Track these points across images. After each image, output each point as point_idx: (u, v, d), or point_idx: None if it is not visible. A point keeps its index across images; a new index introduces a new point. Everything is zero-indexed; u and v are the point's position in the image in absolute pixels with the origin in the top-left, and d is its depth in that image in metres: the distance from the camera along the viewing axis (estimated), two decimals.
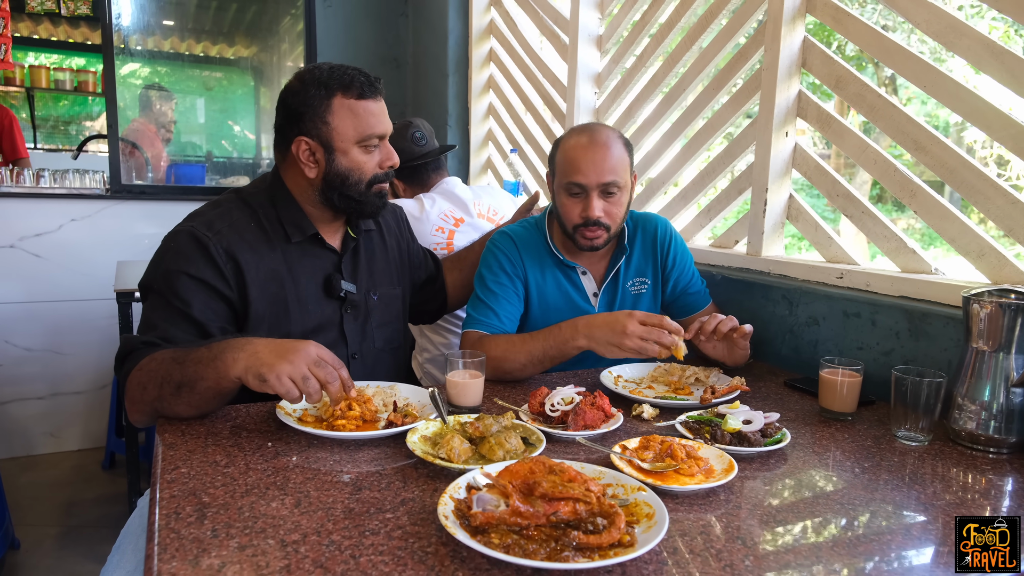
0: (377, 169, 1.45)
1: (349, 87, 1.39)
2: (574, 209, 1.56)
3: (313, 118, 1.39)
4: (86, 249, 3.35)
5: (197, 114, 4.37)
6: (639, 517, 0.87)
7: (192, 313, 1.32)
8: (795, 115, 1.80)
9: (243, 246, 1.38)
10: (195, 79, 4.38)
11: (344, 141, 1.40)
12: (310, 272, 1.47)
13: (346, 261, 1.53)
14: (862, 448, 1.18)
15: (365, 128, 1.40)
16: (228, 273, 1.36)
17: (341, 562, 0.78)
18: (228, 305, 1.37)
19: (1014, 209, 1.35)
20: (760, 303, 1.78)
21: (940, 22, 1.48)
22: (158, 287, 1.34)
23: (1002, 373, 1.16)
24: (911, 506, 0.97)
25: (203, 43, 4.42)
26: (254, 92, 4.60)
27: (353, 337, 1.52)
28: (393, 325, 1.64)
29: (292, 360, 1.10)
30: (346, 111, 1.39)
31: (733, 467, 1.01)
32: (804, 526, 0.91)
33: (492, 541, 0.79)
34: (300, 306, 1.44)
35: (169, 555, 0.79)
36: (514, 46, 3.09)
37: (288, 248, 1.44)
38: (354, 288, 1.52)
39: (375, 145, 1.43)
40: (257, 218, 1.43)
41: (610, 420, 1.22)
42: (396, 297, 1.66)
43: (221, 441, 1.13)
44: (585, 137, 1.56)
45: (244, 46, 4.51)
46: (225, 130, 4.46)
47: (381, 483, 1.00)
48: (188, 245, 1.35)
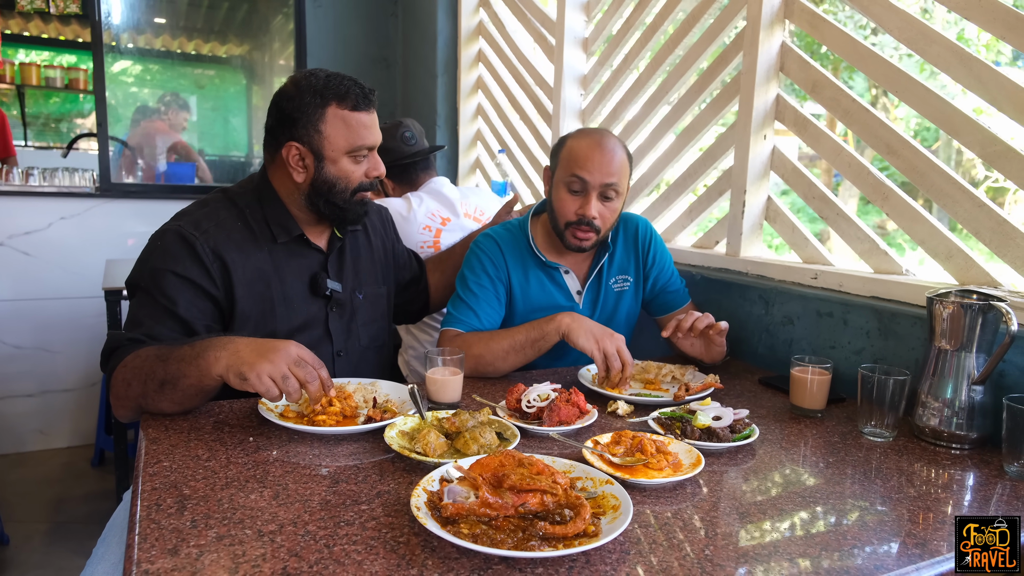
0: (363, 178, 1.47)
1: (344, 98, 1.41)
2: (571, 205, 1.59)
3: (306, 125, 1.40)
4: (75, 247, 3.37)
5: (189, 112, 4.38)
6: (606, 509, 0.90)
7: (178, 311, 1.34)
8: (773, 118, 1.83)
9: (230, 245, 1.40)
10: (186, 77, 4.39)
11: (335, 151, 1.42)
12: (296, 271, 1.49)
13: (332, 260, 1.55)
14: (829, 444, 1.21)
15: (356, 139, 1.42)
16: (215, 272, 1.38)
17: (315, 551, 0.81)
18: (214, 304, 1.39)
19: (980, 212, 1.39)
20: (738, 303, 1.82)
21: (911, 29, 1.52)
22: (145, 285, 1.36)
23: (964, 371, 1.20)
24: (873, 499, 1.01)
25: (195, 41, 4.42)
26: (246, 91, 4.61)
27: (338, 335, 1.55)
28: (379, 323, 1.67)
29: (272, 360, 1.13)
30: (339, 121, 1.41)
31: (700, 461, 1.05)
32: (767, 518, 0.95)
33: (461, 531, 0.82)
34: (286, 305, 1.47)
35: (149, 544, 0.82)
36: (502, 47, 3.12)
37: (274, 248, 1.47)
38: (340, 287, 1.54)
39: (364, 155, 1.46)
40: (244, 218, 1.46)
41: (585, 416, 1.25)
42: (381, 296, 1.68)
43: (203, 436, 1.16)
44: (594, 138, 1.59)
45: (236, 44, 4.51)
46: (217, 128, 4.47)
47: (358, 476, 1.02)
48: (175, 244, 1.37)
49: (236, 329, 1.41)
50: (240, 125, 4.50)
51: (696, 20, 2.09)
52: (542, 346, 1.50)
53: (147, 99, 3.99)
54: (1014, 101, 1.33)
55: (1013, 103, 1.33)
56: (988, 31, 1.38)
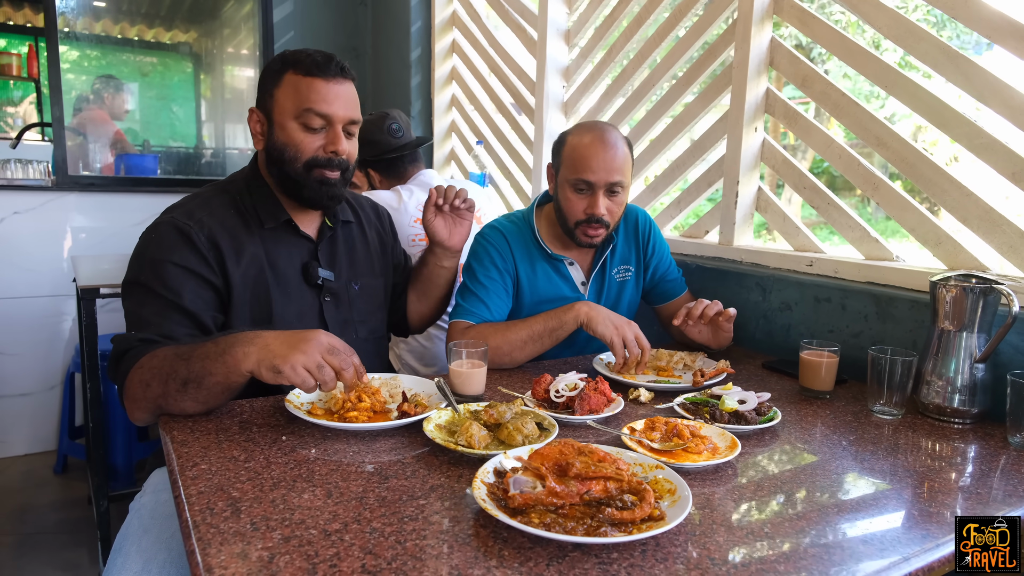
0: (319, 152, 1.40)
1: (299, 63, 1.40)
2: (579, 204, 1.60)
3: (265, 91, 1.42)
4: (30, 244, 3.20)
5: (132, 101, 4.20)
6: (661, 493, 0.93)
7: (183, 303, 1.31)
8: (763, 111, 1.89)
9: (223, 232, 1.38)
10: (129, 64, 4.21)
11: (282, 114, 1.40)
12: (287, 259, 1.47)
13: (323, 249, 1.52)
14: (843, 423, 1.27)
15: (303, 102, 1.38)
16: (212, 259, 1.36)
17: (388, 547, 0.81)
18: (215, 292, 1.37)
19: (968, 201, 1.47)
20: (734, 290, 1.88)
21: (899, 27, 1.59)
22: (144, 279, 1.32)
23: (966, 351, 1.27)
24: (895, 473, 1.07)
25: (138, 26, 4.24)
26: (193, 79, 4.45)
27: (334, 326, 1.53)
28: (377, 316, 1.65)
29: (305, 350, 1.11)
30: (290, 86, 1.39)
31: (736, 444, 1.08)
32: (808, 495, 0.99)
33: (532, 520, 0.83)
34: (280, 291, 1.44)
35: (215, 550, 0.80)
36: (478, 37, 3.10)
37: (264, 234, 1.45)
38: (332, 276, 1.52)
39: (316, 125, 1.39)
40: (236, 204, 1.44)
41: (612, 404, 1.27)
42: (378, 287, 1.66)
43: (233, 436, 1.13)
44: (594, 136, 1.59)
45: (182, 31, 4.35)
46: (163, 118, 4.30)
47: (405, 471, 1.02)
48: (170, 235, 1.35)
49: (234, 316, 1.39)
50: (187, 115, 4.34)
51: (684, 14, 2.13)
52: (560, 335, 1.52)
53: (85, 86, 3.81)
54: (1000, 96, 1.41)
55: (999, 97, 1.41)
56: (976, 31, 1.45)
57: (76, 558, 2.46)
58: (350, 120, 1.43)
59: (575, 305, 1.52)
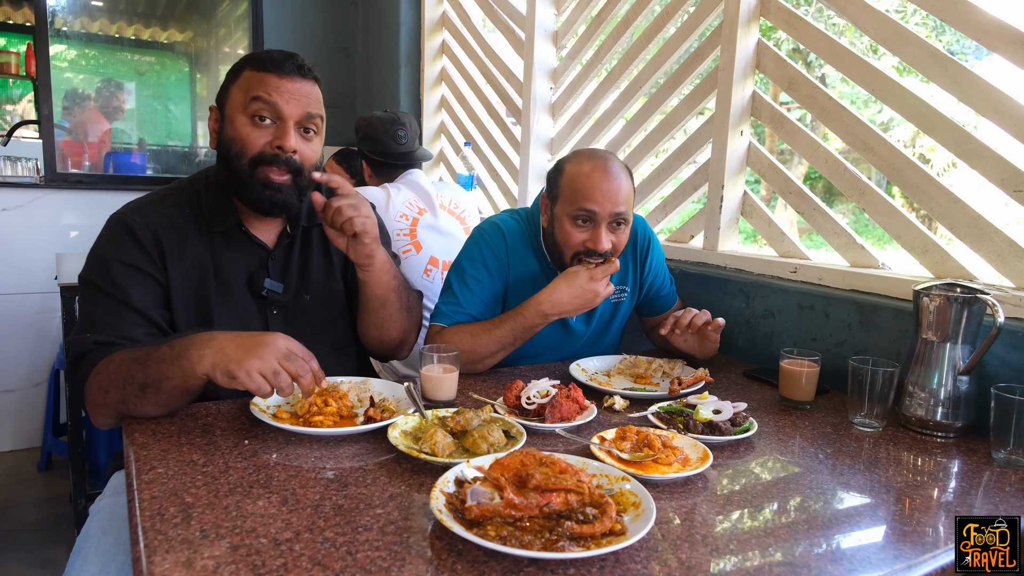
0: (266, 148, 1.32)
1: (256, 60, 1.36)
2: (578, 236, 1.50)
3: (223, 89, 1.38)
4: (18, 241, 3.19)
5: (129, 100, 4.19)
6: (626, 506, 0.90)
7: (132, 303, 1.28)
8: (749, 114, 1.87)
9: (169, 230, 1.35)
10: (126, 63, 4.20)
11: (232, 108, 1.35)
12: (234, 264, 1.40)
13: (276, 258, 1.45)
14: (822, 435, 1.24)
15: (251, 92, 1.32)
16: (155, 256, 1.33)
17: (338, 559, 0.78)
18: (163, 290, 1.34)
19: (955, 208, 1.45)
20: (718, 296, 1.85)
21: (887, 29, 1.56)
22: (95, 278, 1.30)
23: (949, 362, 1.24)
24: (872, 488, 1.04)
25: (135, 26, 4.23)
26: (189, 78, 4.45)
27: None
28: (339, 323, 1.54)
29: (261, 355, 1.08)
30: (243, 81, 1.35)
31: (708, 456, 1.06)
32: (781, 510, 0.96)
33: (488, 533, 0.80)
34: (222, 297, 1.38)
35: (160, 558, 0.78)
36: (467, 39, 3.08)
37: (215, 236, 1.40)
38: (280, 288, 1.44)
39: (265, 115, 1.32)
40: (192, 203, 1.40)
41: (584, 412, 1.24)
42: (336, 293, 1.54)
43: (195, 440, 1.11)
44: (595, 164, 1.49)
45: (178, 30, 4.35)
46: (158, 117, 4.29)
47: (366, 479, 1.00)
48: (117, 231, 1.33)
49: (176, 319, 1.35)
50: (183, 114, 4.33)
51: (670, 16, 2.10)
52: (527, 337, 1.50)
53: (82, 85, 3.80)
54: (989, 100, 1.38)
55: (987, 102, 1.39)
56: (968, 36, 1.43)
57: (54, 555, 2.44)
58: (306, 117, 1.34)
59: (531, 303, 1.48)
